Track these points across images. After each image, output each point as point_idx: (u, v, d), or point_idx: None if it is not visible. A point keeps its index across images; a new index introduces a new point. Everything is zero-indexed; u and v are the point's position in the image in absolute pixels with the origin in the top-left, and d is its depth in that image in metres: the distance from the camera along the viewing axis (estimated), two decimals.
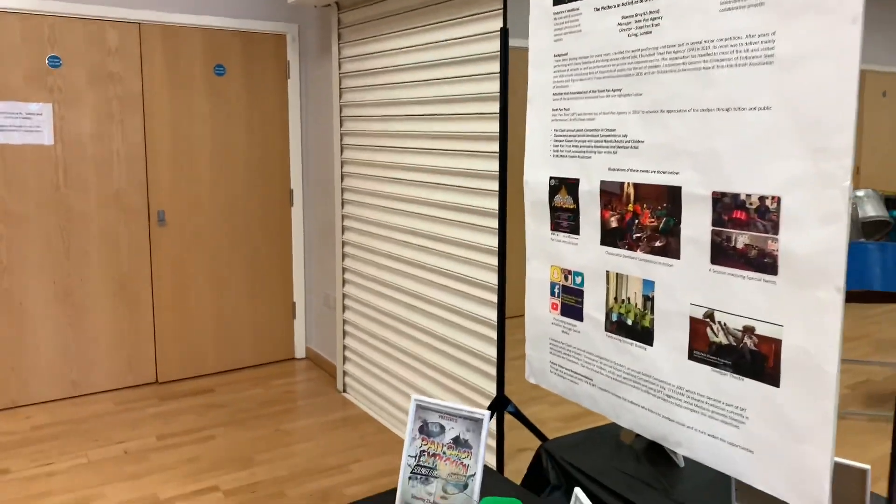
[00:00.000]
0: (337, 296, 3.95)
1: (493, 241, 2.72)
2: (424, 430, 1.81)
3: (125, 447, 3.28)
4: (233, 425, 3.52)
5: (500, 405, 2.25)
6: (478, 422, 1.74)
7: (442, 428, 1.80)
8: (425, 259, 3.16)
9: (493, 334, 2.78)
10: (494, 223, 2.69)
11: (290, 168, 4.33)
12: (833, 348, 1.28)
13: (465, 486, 1.73)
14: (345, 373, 3.97)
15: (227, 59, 4.07)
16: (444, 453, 1.77)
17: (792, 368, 1.35)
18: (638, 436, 2.23)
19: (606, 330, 1.78)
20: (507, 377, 2.75)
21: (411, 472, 1.79)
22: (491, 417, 2.19)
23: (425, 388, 3.23)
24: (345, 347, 3.95)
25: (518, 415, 2.30)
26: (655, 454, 2.14)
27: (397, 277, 3.39)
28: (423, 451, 1.80)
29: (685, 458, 2.08)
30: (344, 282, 3.91)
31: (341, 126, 3.79)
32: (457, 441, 1.77)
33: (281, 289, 4.40)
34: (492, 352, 2.79)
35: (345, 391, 3.98)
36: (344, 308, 3.93)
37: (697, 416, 1.56)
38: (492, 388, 2.81)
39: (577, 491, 1.51)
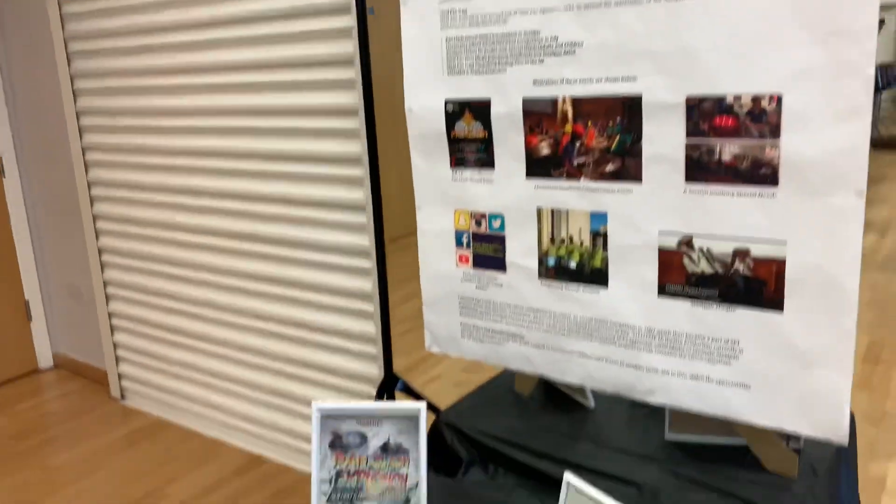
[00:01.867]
0: (95, 284, 3.13)
1: (358, 195, 2.26)
2: (338, 444, 1.39)
3: None
4: None
5: (390, 385, 1.88)
6: (412, 419, 1.37)
7: (363, 437, 1.39)
8: (223, 224, 2.58)
9: (364, 305, 2.35)
10: (355, 170, 2.23)
11: None
12: (854, 260, 1.15)
13: (407, 502, 1.36)
14: (121, 376, 3.21)
15: None
16: (371, 468, 1.38)
17: (799, 289, 1.21)
18: (537, 385, 2.03)
19: (541, 277, 1.50)
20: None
21: (328, 502, 1.37)
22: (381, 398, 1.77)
23: (250, 378, 2.69)
24: (116, 345, 3.18)
25: (408, 390, 1.95)
26: (560, 400, 1.96)
27: (186, 251, 2.75)
28: (341, 470, 1.38)
29: (595, 398, 1.93)
30: (103, 266, 3.11)
31: (70, 65, 2.91)
32: (386, 448, 1.38)
33: (6, 286, 3.40)
34: (350, 325, 2.38)
35: (124, 398, 3.23)
36: (108, 298, 3.14)
37: (674, 358, 1.36)
38: (340, 366, 2.40)
39: (569, 477, 1.24)
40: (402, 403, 1.37)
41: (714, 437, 1.71)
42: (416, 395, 1.94)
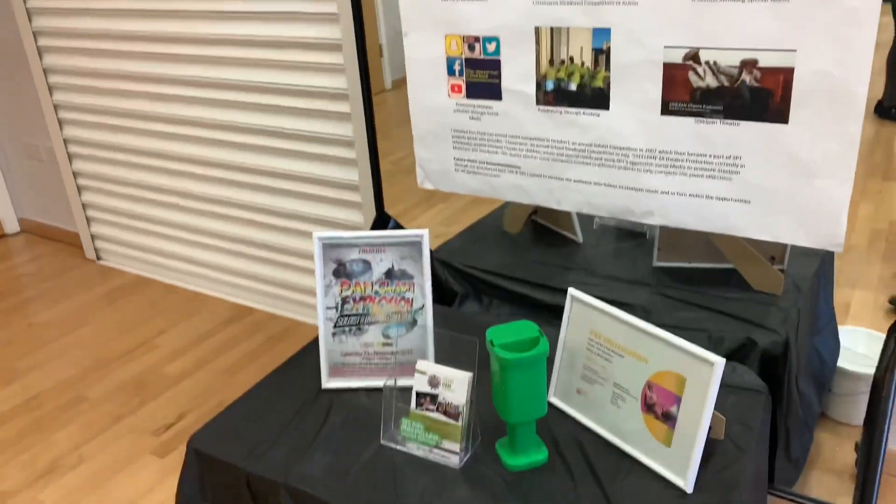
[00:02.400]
0: (55, 144, 2.99)
1: (334, 31, 2.14)
2: (342, 272, 1.39)
3: None
4: None
5: (382, 224, 1.87)
6: (414, 245, 1.37)
7: (366, 264, 1.39)
8: (188, 72, 2.44)
9: (346, 152, 2.29)
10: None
11: None
12: (866, 64, 1.13)
13: (414, 324, 1.39)
14: (94, 236, 3.15)
15: None
16: (377, 293, 1.39)
17: (806, 99, 1.20)
18: (525, 223, 2.05)
19: (539, 103, 1.46)
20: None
21: (335, 327, 1.39)
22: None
23: (230, 231, 2.66)
24: (85, 206, 3.10)
25: (400, 229, 1.94)
26: (549, 236, 1.99)
27: (150, 104, 2.61)
28: (347, 297, 1.39)
29: (583, 232, 1.96)
30: (61, 123, 2.95)
31: None
32: (390, 274, 1.39)
33: None
34: (332, 173, 2.33)
35: (100, 259, 3.19)
36: (70, 157, 3.01)
37: (675, 177, 1.37)
38: (324, 215, 2.38)
39: (572, 290, 1.27)
40: (405, 231, 1.36)
41: (701, 262, 1.76)
42: None
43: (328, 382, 1.38)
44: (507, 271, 1.80)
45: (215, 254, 2.76)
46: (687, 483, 1.08)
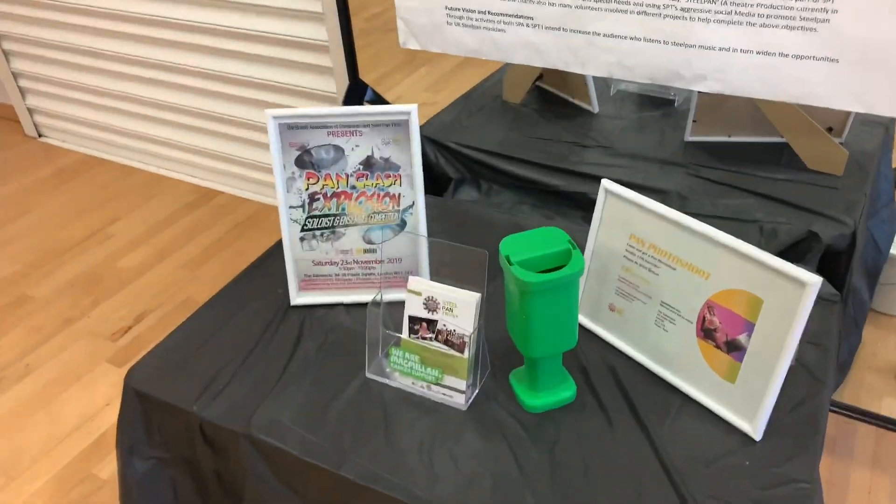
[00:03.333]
0: None
1: None
2: (307, 161, 1.09)
3: None
4: None
5: (357, 94, 1.54)
6: (399, 125, 1.06)
7: (338, 151, 1.09)
8: None
9: (310, 3, 1.90)
10: None
11: None
12: None
13: (403, 225, 1.11)
14: (31, 110, 2.77)
15: None
16: (354, 187, 1.10)
17: None
18: (530, 90, 1.73)
19: None
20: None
21: (303, 231, 1.11)
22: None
23: (188, 104, 2.30)
24: (16, 75, 2.69)
25: (380, 101, 1.61)
26: (558, 106, 1.67)
27: None
28: (315, 193, 1.10)
29: (598, 100, 1.65)
30: None
31: None
32: (369, 164, 1.09)
33: None
34: (296, 30, 1.94)
35: (41, 136, 2.82)
36: None
37: (739, 29, 1.05)
38: (291, 83, 2.02)
39: (605, 182, 0.99)
40: (387, 107, 1.05)
41: (743, 136, 1.47)
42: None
43: (298, 297, 1.12)
44: (509, 150, 1.51)
45: (173, 130, 2.41)
46: (756, 429, 0.85)
